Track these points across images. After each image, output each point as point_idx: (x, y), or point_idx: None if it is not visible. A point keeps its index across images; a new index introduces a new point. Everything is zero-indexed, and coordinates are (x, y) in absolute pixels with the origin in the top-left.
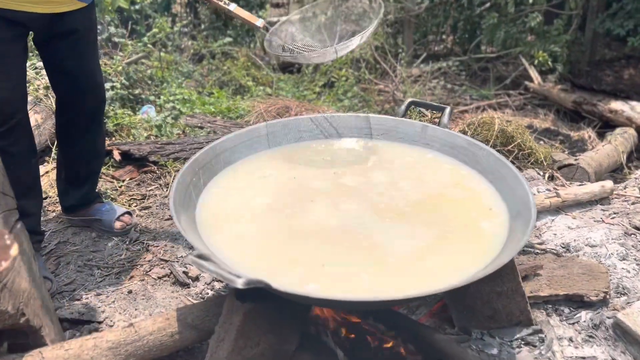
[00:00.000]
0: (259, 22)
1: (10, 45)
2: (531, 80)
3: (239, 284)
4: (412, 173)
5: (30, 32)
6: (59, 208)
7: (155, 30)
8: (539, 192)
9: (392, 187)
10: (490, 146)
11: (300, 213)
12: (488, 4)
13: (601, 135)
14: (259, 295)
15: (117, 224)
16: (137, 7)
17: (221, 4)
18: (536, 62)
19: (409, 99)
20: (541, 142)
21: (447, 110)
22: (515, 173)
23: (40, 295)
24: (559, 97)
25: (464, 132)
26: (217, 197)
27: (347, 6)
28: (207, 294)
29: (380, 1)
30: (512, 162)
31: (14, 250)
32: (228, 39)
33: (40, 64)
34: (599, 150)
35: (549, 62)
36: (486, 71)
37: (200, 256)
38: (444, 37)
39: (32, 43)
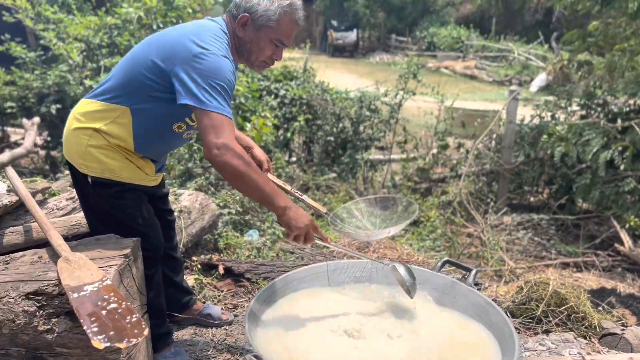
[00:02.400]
0: (324, 210)
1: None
2: (623, 242)
3: None
4: (430, 321)
5: None
6: None
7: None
8: (570, 354)
9: (412, 332)
10: (544, 305)
11: (331, 342)
12: (583, 165)
13: None
14: None
15: (224, 317)
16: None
17: (297, 194)
18: (627, 226)
19: (445, 258)
20: (602, 306)
21: (473, 272)
22: (511, 331)
23: None
24: None
25: (521, 289)
26: (276, 318)
27: (393, 203)
28: None
29: (417, 207)
30: (564, 323)
31: (146, 332)
32: (333, 175)
33: None
34: None
35: None
36: (578, 228)
37: (256, 356)
38: (539, 189)
39: None
